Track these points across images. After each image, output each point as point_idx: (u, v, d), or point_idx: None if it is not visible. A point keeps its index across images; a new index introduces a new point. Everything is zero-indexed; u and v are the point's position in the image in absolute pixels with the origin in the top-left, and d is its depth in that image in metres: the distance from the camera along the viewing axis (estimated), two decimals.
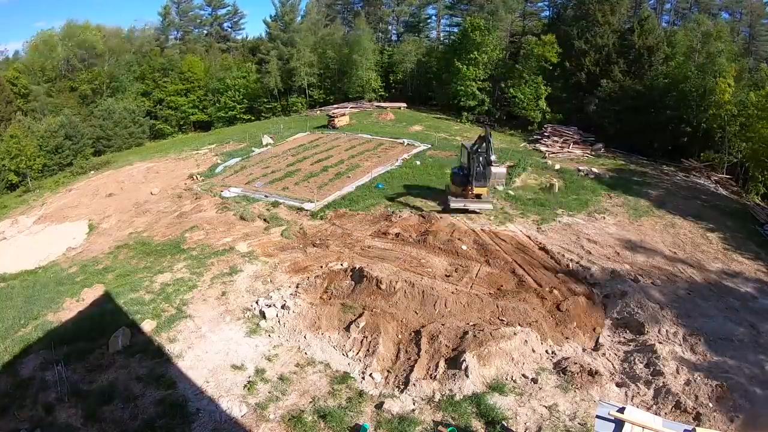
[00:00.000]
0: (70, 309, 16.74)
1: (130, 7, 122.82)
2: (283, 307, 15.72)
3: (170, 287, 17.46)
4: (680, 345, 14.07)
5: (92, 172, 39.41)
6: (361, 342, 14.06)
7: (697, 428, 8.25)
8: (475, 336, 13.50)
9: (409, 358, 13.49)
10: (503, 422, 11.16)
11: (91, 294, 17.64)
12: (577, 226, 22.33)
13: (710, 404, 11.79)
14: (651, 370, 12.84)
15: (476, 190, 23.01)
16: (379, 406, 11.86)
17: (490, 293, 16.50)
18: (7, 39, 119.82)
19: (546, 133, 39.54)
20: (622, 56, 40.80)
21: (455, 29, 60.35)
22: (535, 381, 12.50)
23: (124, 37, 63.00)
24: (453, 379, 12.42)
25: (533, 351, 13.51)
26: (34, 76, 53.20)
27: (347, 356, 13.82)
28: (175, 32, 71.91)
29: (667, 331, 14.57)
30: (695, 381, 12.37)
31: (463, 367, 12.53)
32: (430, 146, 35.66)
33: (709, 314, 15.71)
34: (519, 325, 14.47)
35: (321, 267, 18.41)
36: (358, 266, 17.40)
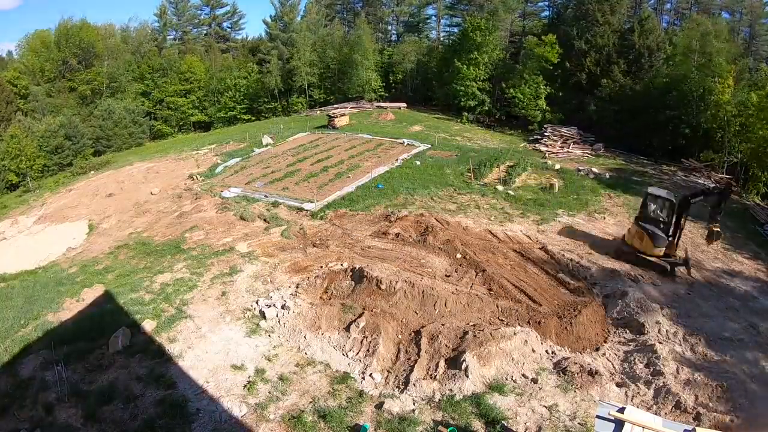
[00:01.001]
0: (70, 309, 16.74)
1: (127, 5, 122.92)
2: (283, 307, 15.73)
3: (170, 287, 17.47)
4: (680, 345, 14.07)
5: (92, 172, 39.42)
6: (361, 342, 14.07)
7: (697, 428, 8.26)
8: (475, 336, 13.51)
9: (409, 358, 13.50)
10: (503, 422, 11.16)
11: (91, 294, 17.65)
12: (577, 226, 22.33)
13: (710, 404, 11.80)
14: (651, 370, 12.85)
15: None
16: (379, 406, 11.88)
17: (489, 290, 16.52)
18: (13, 38, 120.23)
19: (546, 133, 39.54)
20: (622, 56, 40.81)
21: (455, 29, 60.45)
22: (535, 381, 12.51)
23: (120, 36, 62.91)
24: (453, 379, 12.43)
25: (533, 351, 13.52)
26: (33, 76, 53.22)
27: (347, 356, 13.83)
28: (173, 32, 71.93)
29: (667, 331, 14.57)
30: (695, 381, 12.38)
31: (463, 367, 12.54)
32: (430, 146, 35.65)
33: (709, 314, 15.72)
34: (519, 324, 14.49)
35: (321, 267, 18.41)
36: (358, 266, 17.41)
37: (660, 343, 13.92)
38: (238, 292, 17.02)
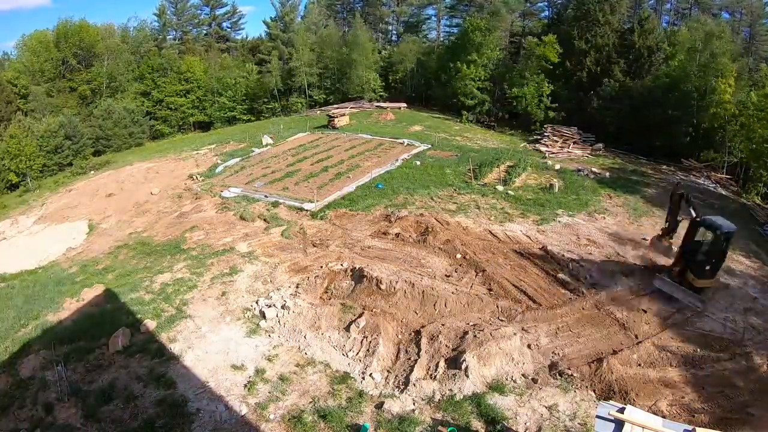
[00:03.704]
0: (70, 309, 16.75)
1: (127, 5, 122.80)
2: (283, 307, 15.74)
3: (170, 287, 17.48)
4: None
5: (92, 172, 39.41)
6: (361, 342, 14.08)
7: (697, 428, 8.26)
8: (475, 336, 13.52)
9: (409, 358, 13.51)
10: (503, 422, 11.17)
11: (91, 294, 17.66)
12: (577, 226, 22.32)
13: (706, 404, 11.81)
14: None
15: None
16: (379, 406, 11.89)
17: (489, 290, 16.52)
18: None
19: (546, 133, 39.54)
20: (623, 56, 40.83)
21: (455, 29, 60.44)
22: (535, 381, 12.52)
23: (120, 36, 62.85)
24: (453, 379, 12.44)
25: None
26: (33, 76, 53.17)
27: (347, 356, 13.84)
28: (173, 32, 71.83)
29: None
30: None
31: (463, 367, 12.55)
32: (430, 146, 35.64)
33: (708, 314, 15.72)
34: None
35: (321, 267, 18.40)
36: (358, 266, 17.42)
37: None
38: (238, 292, 17.02)
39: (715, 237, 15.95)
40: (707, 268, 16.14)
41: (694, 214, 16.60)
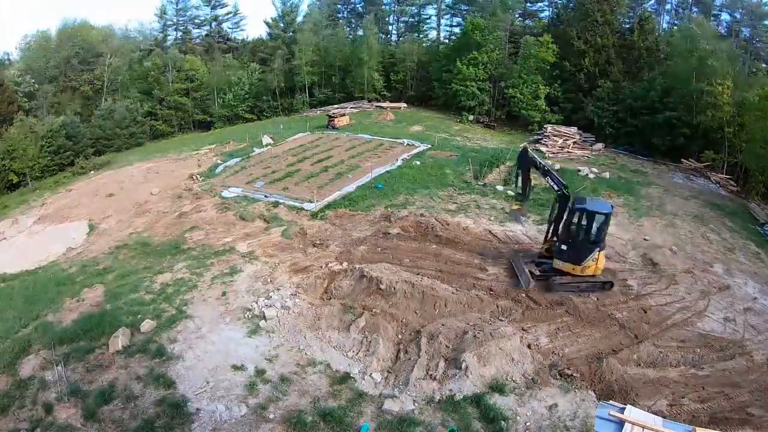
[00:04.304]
0: (70, 309, 16.73)
1: (127, 5, 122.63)
2: (283, 307, 15.74)
3: (170, 287, 17.47)
4: None
5: (92, 172, 39.37)
6: (361, 342, 14.09)
7: (697, 428, 8.27)
8: (475, 336, 13.52)
9: (409, 358, 13.51)
10: (503, 422, 11.17)
11: (91, 294, 17.64)
12: None
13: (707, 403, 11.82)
14: None
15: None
16: (379, 406, 11.89)
17: (490, 290, 16.52)
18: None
19: (546, 133, 39.52)
20: (622, 56, 40.82)
21: (456, 29, 60.48)
22: (535, 381, 12.52)
23: (120, 35, 62.99)
24: (453, 379, 12.44)
25: None
26: (36, 76, 53.24)
27: (347, 356, 13.84)
28: (174, 32, 71.86)
29: None
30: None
31: (463, 367, 12.55)
32: (430, 146, 35.64)
33: (709, 314, 15.73)
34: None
35: (321, 267, 18.41)
36: (358, 266, 17.42)
37: None
38: (238, 293, 17.01)
39: (578, 216, 15.49)
40: (564, 248, 15.98)
41: (556, 188, 16.29)
